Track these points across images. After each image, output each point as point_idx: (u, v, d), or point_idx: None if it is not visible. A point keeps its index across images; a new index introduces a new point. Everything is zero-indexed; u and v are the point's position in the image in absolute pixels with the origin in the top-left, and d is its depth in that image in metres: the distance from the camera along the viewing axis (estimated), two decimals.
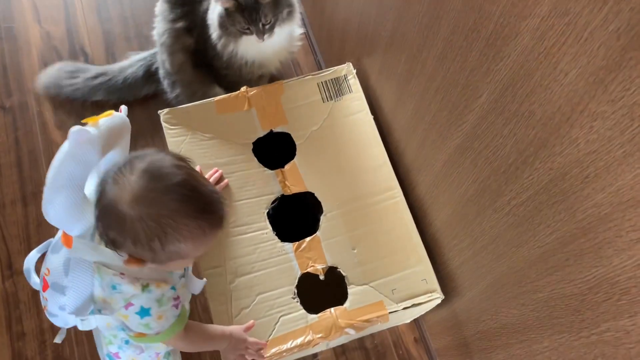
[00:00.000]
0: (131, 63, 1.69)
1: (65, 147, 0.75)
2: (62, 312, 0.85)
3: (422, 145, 1.10)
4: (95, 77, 1.65)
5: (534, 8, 0.63)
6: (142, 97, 1.72)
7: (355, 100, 1.31)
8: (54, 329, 1.46)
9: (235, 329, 1.04)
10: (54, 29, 1.84)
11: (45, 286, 0.84)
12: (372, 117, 1.29)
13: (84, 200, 0.80)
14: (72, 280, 0.81)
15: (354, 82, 1.33)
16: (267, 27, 1.33)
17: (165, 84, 1.61)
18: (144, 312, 0.82)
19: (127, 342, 0.93)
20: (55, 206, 0.77)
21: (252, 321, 1.09)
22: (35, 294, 1.49)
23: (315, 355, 1.46)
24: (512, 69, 0.71)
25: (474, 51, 0.79)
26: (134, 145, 1.63)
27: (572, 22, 0.58)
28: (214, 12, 1.37)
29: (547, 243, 0.75)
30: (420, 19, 0.94)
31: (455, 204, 1.02)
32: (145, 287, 0.81)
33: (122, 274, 0.80)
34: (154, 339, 0.87)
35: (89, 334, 1.45)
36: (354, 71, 1.33)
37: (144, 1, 1.92)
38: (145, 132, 1.68)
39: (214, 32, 1.40)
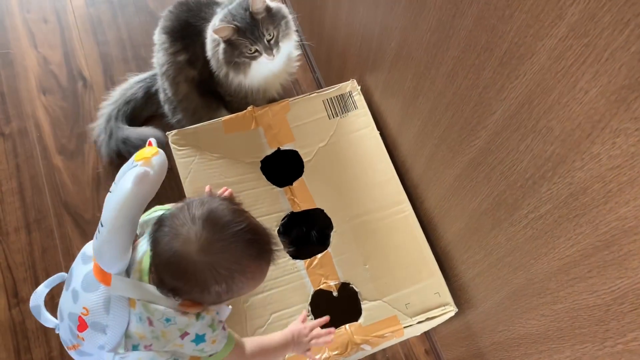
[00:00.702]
0: (130, 85, 1.69)
1: (127, 187, 0.74)
2: (100, 351, 0.84)
3: (431, 160, 1.12)
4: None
5: (550, 29, 0.65)
6: (143, 119, 1.72)
7: (361, 116, 1.33)
8: (64, 357, 1.44)
9: (294, 329, 1.05)
10: (51, 53, 1.84)
11: (82, 326, 0.82)
12: (379, 132, 1.31)
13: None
14: (112, 318, 0.81)
15: (359, 99, 1.34)
16: (272, 42, 1.33)
17: (166, 108, 1.62)
18: (199, 339, 0.84)
19: None
20: (112, 246, 0.77)
21: (304, 311, 1.12)
22: None
23: None
24: (528, 87, 0.73)
25: (487, 69, 0.81)
26: (129, 152, 1.64)
27: (591, 44, 0.60)
28: (216, 50, 1.37)
29: (567, 255, 0.77)
30: (428, 37, 0.96)
31: (468, 218, 1.03)
32: (198, 315, 0.83)
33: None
34: None
35: None
36: (359, 88, 1.35)
37: (140, 23, 1.93)
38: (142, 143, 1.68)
39: (220, 69, 1.40)
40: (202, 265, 0.75)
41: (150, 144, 0.82)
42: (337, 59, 1.57)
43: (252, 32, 1.30)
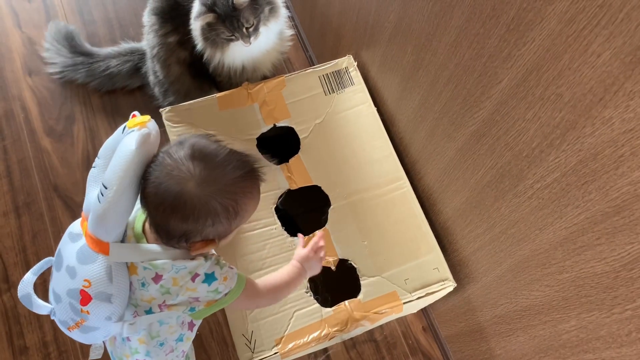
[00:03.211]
0: (120, 51, 1.66)
1: (131, 148, 0.75)
2: (106, 322, 0.83)
3: (432, 135, 1.11)
4: (81, 54, 1.64)
5: None
6: (127, 89, 1.72)
7: (358, 92, 1.31)
8: (57, 342, 1.42)
9: (300, 257, 1.04)
10: (36, 33, 1.79)
11: (86, 299, 0.80)
12: (376, 108, 1.30)
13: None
14: (117, 286, 0.80)
15: (356, 75, 1.33)
16: (250, 30, 1.31)
17: (157, 91, 1.59)
18: (209, 277, 0.85)
19: (161, 344, 0.92)
20: (118, 207, 0.76)
21: (300, 236, 1.12)
22: None
23: (325, 350, 1.46)
24: (536, 54, 0.72)
25: (493, 38, 0.80)
26: None
27: (605, 4, 0.59)
28: (196, 24, 1.35)
29: (575, 223, 0.76)
30: (430, 8, 0.95)
31: (470, 191, 1.03)
32: (206, 257, 0.85)
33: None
34: (225, 300, 0.89)
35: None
36: (355, 63, 1.33)
37: (128, 1, 1.88)
38: None
39: (198, 44, 1.38)
40: (205, 197, 0.77)
41: (134, 116, 0.81)
42: (331, 36, 1.55)
43: (231, 22, 1.28)
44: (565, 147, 0.73)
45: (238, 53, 1.38)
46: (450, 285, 1.16)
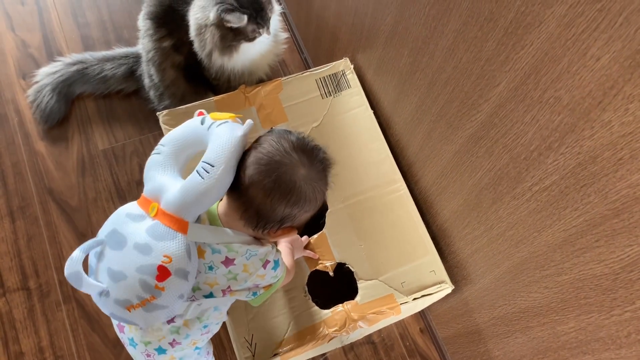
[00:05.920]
0: (114, 56, 1.65)
1: (238, 134, 0.81)
2: (177, 301, 0.83)
3: (428, 138, 1.11)
4: (73, 64, 1.63)
5: None
6: (122, 93, 1.71)
7: (354, 95, 1.31)
8: (54, 347, 1.41)
9: (288, 239, 1.12)
10: (29, 36, 1.78)
11: (164, 275, 0.79)
12: (372, 111, 1.30)
13: None
14: (193, 264, 0.82)
15: (352, 78, 1.33)
16: (270, 20, 1.31)
17: (152, 94, 1.58)
18: (276, 264, 0.92)
19: (205, 326, 0.94)
20: (221, 185, 0.80)
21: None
22: (32, 311, 1.44)
23: (323, 354, 1.46)
24: (535, 57, 0.72)
25: (490, 41, 0.80)
26: (114, 136, 1.61)
27: (605, 8, 0.59)
28: (202, 33, 1.32)
29: (574, 226, 0.77)
30: (427, 11, 0.95)
31: (467, 194, 1.03)
32: (272, 245, 0.92)
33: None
34: (277, 284, 0.96)
35: (91, 349, 1.41)
36: (352, 66, 1.33)
37: (122, 4, 1.87)
38: (127, 126, 1.70)
39: (203, 50, 1.36)
40: (312, 185, 0.84)
41: (202, 114, 0.86)
42: (326, 38, 1.55)
43: (262, 17, 1.27)
44: (564, 150, 0.73)
45: (241, 56, 1.37)
46: (447, 287, 1.16)
